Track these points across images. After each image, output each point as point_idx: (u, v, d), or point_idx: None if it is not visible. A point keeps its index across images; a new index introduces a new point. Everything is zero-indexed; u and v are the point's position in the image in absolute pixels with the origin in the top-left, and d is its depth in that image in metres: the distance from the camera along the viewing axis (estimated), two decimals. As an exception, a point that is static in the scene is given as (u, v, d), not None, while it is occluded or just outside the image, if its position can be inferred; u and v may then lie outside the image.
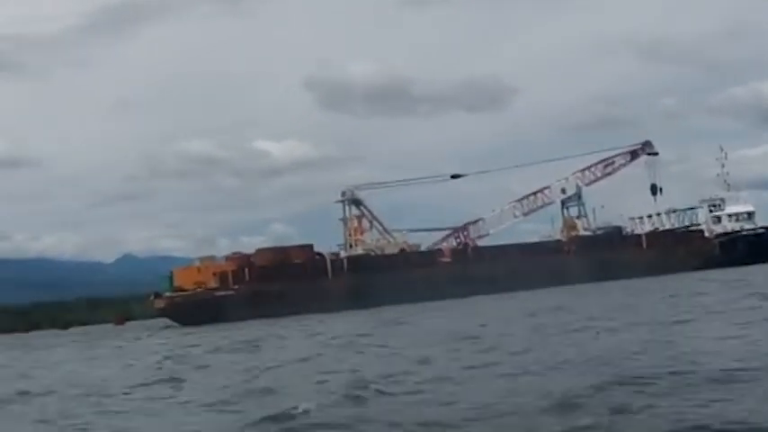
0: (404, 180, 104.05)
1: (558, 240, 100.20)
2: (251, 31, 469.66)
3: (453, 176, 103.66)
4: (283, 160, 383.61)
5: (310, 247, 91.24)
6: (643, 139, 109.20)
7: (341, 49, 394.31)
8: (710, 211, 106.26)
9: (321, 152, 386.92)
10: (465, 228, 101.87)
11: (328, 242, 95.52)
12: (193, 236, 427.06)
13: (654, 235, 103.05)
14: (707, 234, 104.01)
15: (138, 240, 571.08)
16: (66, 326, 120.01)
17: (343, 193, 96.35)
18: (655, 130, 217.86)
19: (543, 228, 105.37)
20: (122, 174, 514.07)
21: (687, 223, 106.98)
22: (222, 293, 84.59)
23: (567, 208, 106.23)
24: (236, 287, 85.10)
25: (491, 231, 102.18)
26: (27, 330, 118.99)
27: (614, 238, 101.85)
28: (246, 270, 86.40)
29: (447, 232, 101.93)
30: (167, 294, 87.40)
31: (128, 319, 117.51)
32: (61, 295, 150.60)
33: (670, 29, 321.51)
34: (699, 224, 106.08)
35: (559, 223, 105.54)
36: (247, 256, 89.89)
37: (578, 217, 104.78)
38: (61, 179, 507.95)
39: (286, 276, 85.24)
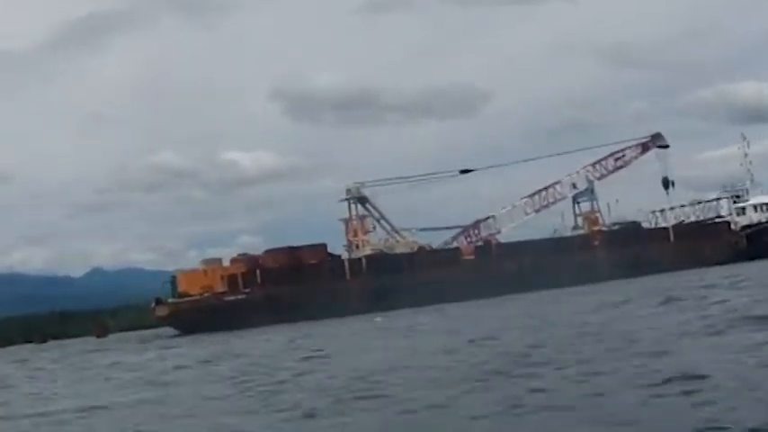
0: (411, 176, 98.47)
1: (586, 235, 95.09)
2: (216, 43, 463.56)
3: (462, 171, 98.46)
4: (252, 171, 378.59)
5: (324, 246, 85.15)
6: (652, 133, 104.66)
7: (308, 59, 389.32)
8: (734, 202, 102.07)
9: (290, 162, 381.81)
10: (476, 226, 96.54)
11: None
12: (162, 248, 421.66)
13: (681, 228, 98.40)
14: (733, 226, 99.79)
15: (106, 254, 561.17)
16: (43, 340, 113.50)
17: (348, 191, 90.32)
18: (626, 133, 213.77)
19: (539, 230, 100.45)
20: (91, 187, 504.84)
21: (711, 215, 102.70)
22: (233, 298, 78.30)
23: (579, 203, 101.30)
24: (248, 291, 78.90)
25: (503, 229, 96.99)
26: (3, 345, 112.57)
27: (640, 232, 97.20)
28: (258, 272, 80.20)
29: (457, 231, 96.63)
30: (171, 301, 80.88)
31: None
32: (30, 310, 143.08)
33: (634, 32, 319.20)
34: (722, 216, 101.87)
35: (570, 220, 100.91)
36: (255, 258, 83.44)
37: (591, 212, 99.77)
38: (31, 194, 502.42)
39: (301, 278, 79.26)
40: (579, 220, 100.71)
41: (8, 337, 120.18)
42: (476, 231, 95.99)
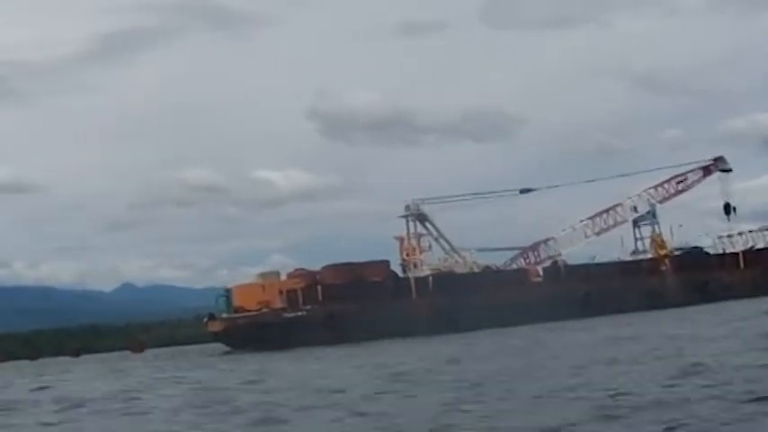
0: (470, 194, 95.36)
1: (654, 259, 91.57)
2: (252, 59, 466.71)
3: (522, 191, 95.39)
4: (285, 190, 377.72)
5: (386, 263, 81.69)
6: (714, 156, 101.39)
7: (342, 78, 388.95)
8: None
9: (323, 182, 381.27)
10: (535, 247, 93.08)
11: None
12: (193, 265, 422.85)
13: (751, 254, 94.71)
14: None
15: (137, 269, 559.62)
16: (77, 353, 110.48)
17: (407, 208, 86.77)
18: (657, 160, 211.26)
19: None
20: (123, 202, 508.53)
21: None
22: (292, 315, 74.81)
23: (639, 227, 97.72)
24: (308, 308, 75.41)
25: (563, 252, 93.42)
26: (34, 358, 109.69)
27: (709, 258, 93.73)
28: (319, 288, 76.70)
29: (516, 252, 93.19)
30: (225, 316, 77.44)
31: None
32: (60, 323, 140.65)
33: (668, 58, 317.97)
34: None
35: (630, 244, 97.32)
36: (314, 273, 79.85)
37: (658, 236, 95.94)
38: (63, 206, 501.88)
39: (364, 296, 75.58)
40: (640, 243, 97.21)
41: (38, 349, 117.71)
42: (535, 253, 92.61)
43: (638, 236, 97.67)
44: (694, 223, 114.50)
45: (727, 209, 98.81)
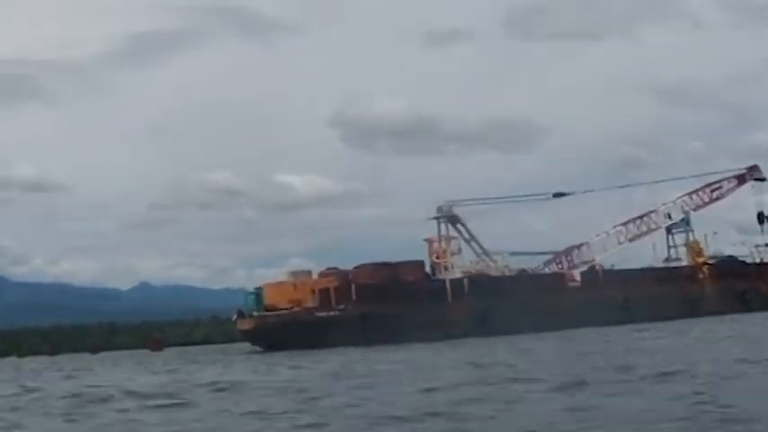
0: (502, 197, 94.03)
1: (692, 267, 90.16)
2: (278, 65, 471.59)
3: (556, 195, 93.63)
4: (305, 194, 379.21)
5: (421, 264, 79.85)
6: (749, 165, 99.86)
7: (367, 86, 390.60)
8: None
9: (343, 188, 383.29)
10: (568, 252, 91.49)
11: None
12: (210, 266, 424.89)
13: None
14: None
15: (154, 269, 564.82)
16: (95, 350, 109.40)
17: (439, 209, 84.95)
18: (683, 173, 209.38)
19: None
20: (145, 202, 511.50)
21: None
22: (325, 314, 72.92)
23: (673, 234, 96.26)
24: (341, 307, 73.50)
25: (597, 258, 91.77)
26: (53, 354, 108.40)
27: (747, 267, 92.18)
28: (352, 288, 74.85)
29: (549, 256, 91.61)
30: (256, 314, 75.74)
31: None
32: (75, 320, 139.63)
33: (692, 72, 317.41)
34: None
35: (664, 252, 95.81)
36: (346, 273, 77.89)
37: (695, 243, 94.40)
38: (84, 205, 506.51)
39: (399, 297, 73.44)
40: (673, 251, 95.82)
41: (57, 345, 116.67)
42: (568, 258, 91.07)
43: (671, 243, 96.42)
44: (720, 232, 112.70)
45: (761, 218, 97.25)
